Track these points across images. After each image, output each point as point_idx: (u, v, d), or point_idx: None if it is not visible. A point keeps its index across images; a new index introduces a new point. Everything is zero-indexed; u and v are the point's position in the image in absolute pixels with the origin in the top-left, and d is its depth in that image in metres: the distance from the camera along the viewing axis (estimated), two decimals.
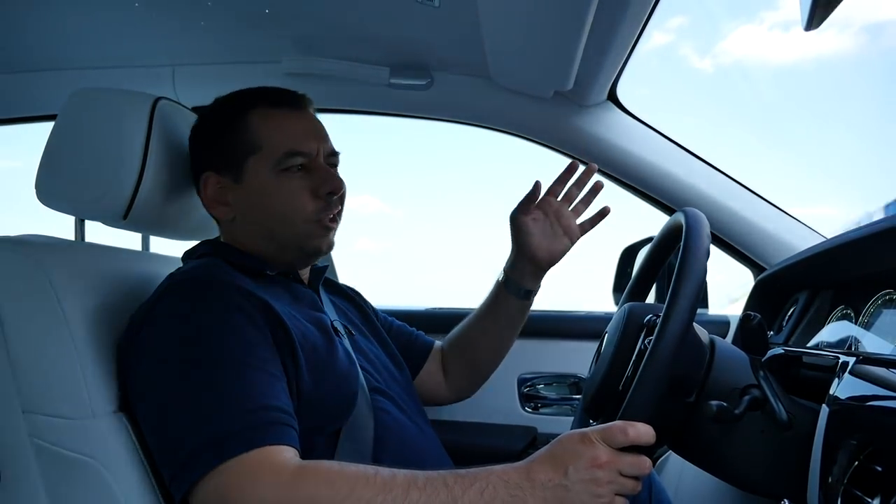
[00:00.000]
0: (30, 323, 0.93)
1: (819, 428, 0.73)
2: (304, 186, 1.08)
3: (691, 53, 29.32)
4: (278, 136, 1.08)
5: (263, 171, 1.08)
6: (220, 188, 1.11)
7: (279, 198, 1.08)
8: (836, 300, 1.15)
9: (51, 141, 1.10)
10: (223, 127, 1.12)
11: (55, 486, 0.93)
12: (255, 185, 1.09)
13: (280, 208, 1.08)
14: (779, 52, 32.82)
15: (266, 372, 0.90)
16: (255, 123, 1.10)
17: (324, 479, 0.82)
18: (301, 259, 1.14)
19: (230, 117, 1.11)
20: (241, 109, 1.11)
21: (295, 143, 1.08)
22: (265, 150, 1.08)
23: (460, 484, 0.81)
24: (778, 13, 31.82)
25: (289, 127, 1.10)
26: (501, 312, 1.35)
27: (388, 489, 0.80)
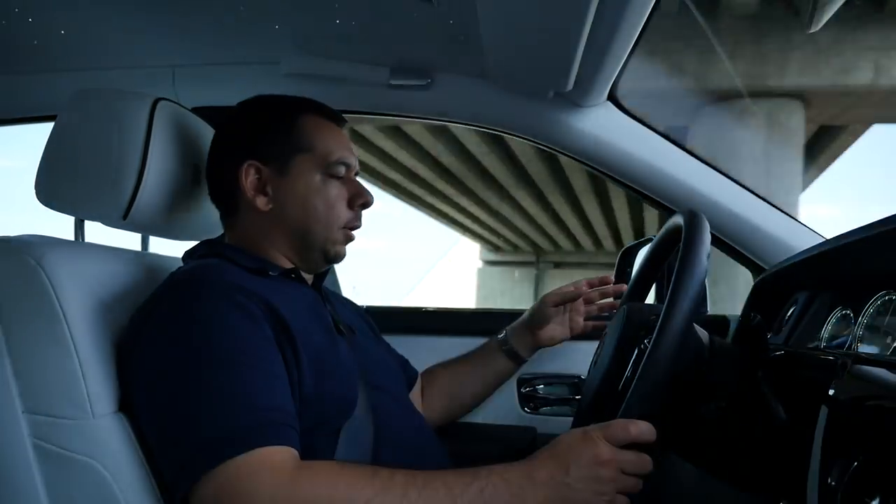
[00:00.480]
0: (29, 323, 0.93)
1: (818, 428, 0.73)
2: (342, 195, 1.15)
3: None
4: (330, 144, 1.15)
5: (311, 171, 1.13)
6: (258, 178, 1.13)
7: (322, 199, 1.13)
8: (836, 301, 1.15)
9: (51, 141, 1.10)
10: (275, 122, 1.15)
11: (55, 486, 0.93)
12: (301, 183, 1.12)
13: (321, 209, 1.13)
14: None
15: (267, 372, 0.91)
16: (308, 126, 1.15)
17: (323, 480, 0.82)
18: (320, 262, 1.17)
19: (284, 115, 1.16)
20: (294, 110, 1.17)
21: (343, 154, 1.15)
22: (316, 153, 1.13)
23: (460, 483, 0.81)
24: None
25: (337, 138, 1.17)
26: (491, 366, 1.46)
27: (387, 489, 0.81)
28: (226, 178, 1.15)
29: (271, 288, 1.03)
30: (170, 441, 0.88)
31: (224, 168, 1.15)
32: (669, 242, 1.08)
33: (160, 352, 0.92)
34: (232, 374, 0.88)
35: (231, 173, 1.14)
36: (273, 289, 1.03)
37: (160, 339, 0.93)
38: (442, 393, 1.44)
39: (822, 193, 17.12)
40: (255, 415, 0.86)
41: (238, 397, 0.86)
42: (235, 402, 0.86)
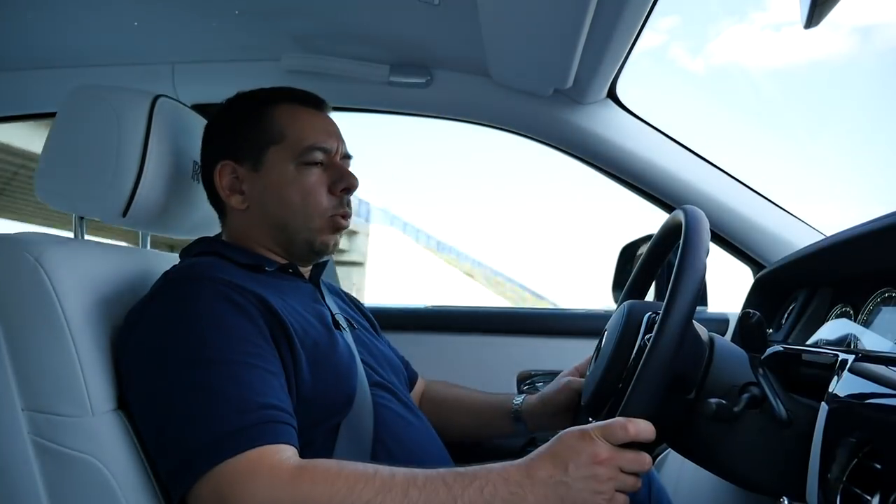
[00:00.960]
0: (29, 321, 0.93)
1: (818, 425, 0.73)
2: (322, 182, 1.12)
3: (683, 54, 29.42)
4: (302, 131, 1.12)
5: (284, 162, 1.11)
6: (236, 177, 1.13)
7: (297, 189, 1.10)
8: (836, 298, 1.15)
9: (50, 138, 1.10)
10: (245, 117, 1.14)
11: (54, 483, 0.93)
12: (275, 175, 1.11)
13: (297, 199, 1.10)
14: (771, 52, 32.99)
15: (263, 369, 0.90)
16: (280, 116, 1.13)
17: (322, 479, 0.81)
18: (307, 255, 1.15)
19: (253, 109, 1.14)
20: (266, 102, 1.15)
21: (318, 139, 1.12)
22: (288, 142, 1.11)
23: (460, 482, 0.81)
24: (768, 14, 32.06)
25: (312, 124, 1.14)
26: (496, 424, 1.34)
27: (387, 488, 0.80)
28: (207, 179, 1.15)
29: (267, 284, 1.03)
30: (167, 441, 0.87)
31: (205, 169, 1.16)
32: (669, 240, 1.08)
33: (155, 350, 0.92)
34: (228, 373, 0.88)
35: (210, 174, 1.14)
36: (269, 285, 1.03)
37: (155, 338, 0.93)
38: (440, 417, 1.35)
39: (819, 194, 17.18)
40: (253, 413, 0.85)
41: (235, 396, 0.86)
42: (232, 401, 0.86)
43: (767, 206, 1.63)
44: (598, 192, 22.28)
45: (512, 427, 1.31)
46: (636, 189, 1.70)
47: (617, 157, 1.64)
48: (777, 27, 47.67)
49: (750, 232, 1.62)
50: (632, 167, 1.64)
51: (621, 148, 1.63)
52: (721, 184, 1.62)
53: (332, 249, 1.15)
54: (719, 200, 1.61)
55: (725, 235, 1.64)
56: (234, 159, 1.12)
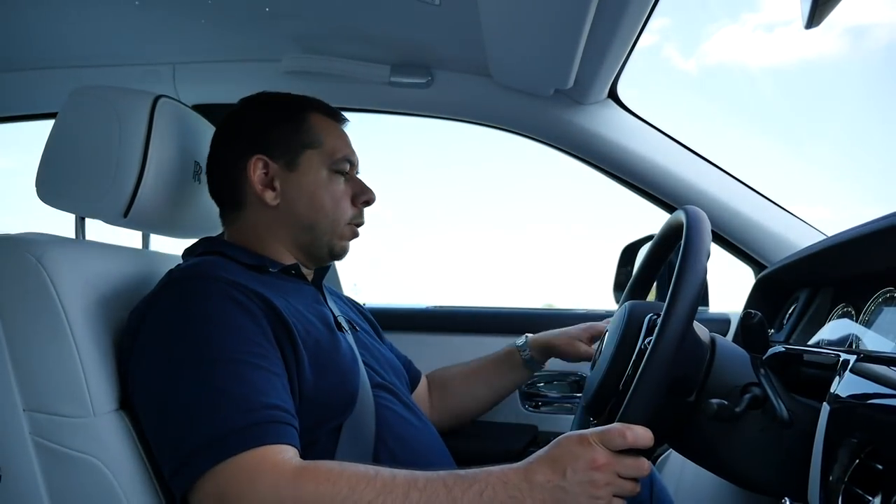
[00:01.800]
0: (30, 321, 0.93)
1: (820, 426, 0.73)
2: (347, 192, 1.18)
3: (675, 54, 29.50)
4: (336, 141, 1.17)
5: (319, 166, 1.15)
6: (267, 172, 1.14)
7: (329, 194, 1.15)
8: (837, 298, 1.15)
9: (51, 139, 1.10)
10: (284, 118, 1.16)
11: (56, 484, 0.93)
12: (310, 178, 1.14)
13: (329, 204, 1.14)
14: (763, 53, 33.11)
15: (266, 370, 0.90)
16: (317, 123, 1.17)
17: (324, 479, 0.82)
18: (324, 256, 1.18)
19: (293, 111, 1.18)
20: (302, 108, 1.18)
21: (349, 152, 1.18)
22: (324, 149, 1.15)
23: (460, 485, 0.81)
24: (760, 15, 32.12)
25: (342, 136, 1.20)
26: (508, 375, 1.45)
27: (388, 490, 0.81)
28: (231, 173, 1.15)
29: (270, 285, 1.03)
30: (169, 439, 0.88)
31: (229, 163, 1.15)
32: (670, 240, 1.08)
33: (158, 349, 0.92)
34: (231, 372, 0.88)
35: (237, 168, 1.14)
36: (272, 286, 1.03)
37: (158, 337, 0.93)
38: (454, 398, 1.43)
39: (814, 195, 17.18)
40: (255, 413, 0.85)
41: (237, 396, 0.86)
42: (235, 401, 0.86)
43: (769, 207, 1.62)
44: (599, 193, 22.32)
45: (523, 371, 1.45)
46: (637, 189, 1.70)
47: (618, 157, 1.64)
48: (769, 28, 48.10)
49: (751, 232, 1.61)
50: (633, 167, 1.64)
51: (622, 148, 1.63)
52: (722, 184, 1.62)
53: (345, 254, 1.19)
54: (721, 200, 1.61)
55: (727, 235, 1.64)
56: (269, 155, 1.13)
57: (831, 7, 0.64)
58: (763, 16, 37.58)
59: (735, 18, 33.57)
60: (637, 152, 1.63)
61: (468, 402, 1.44)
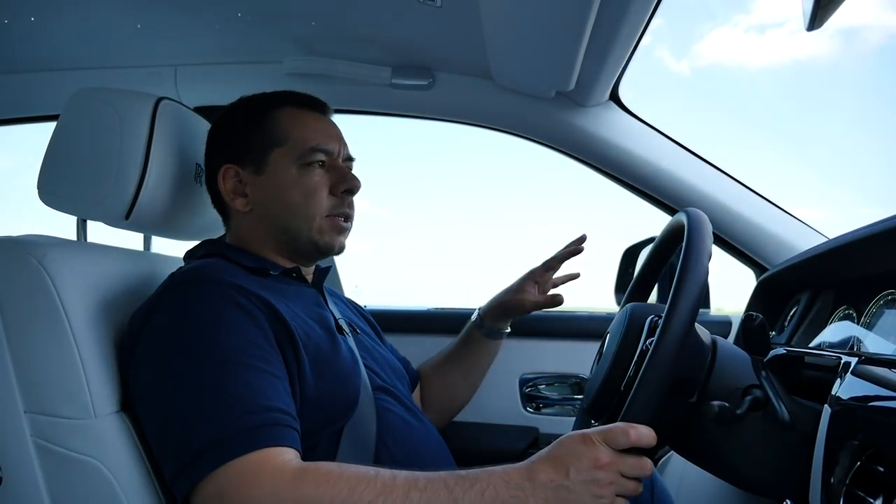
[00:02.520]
0: (31, 323, 0.93)
1: (821, 428, 0.73)
2: (323, 183, 1.12)
3: (667, 56, 29.44)
4: (304, 133, 1.13)
5: (286, 163, 1.12)
6: (239, 180, 1.14)
7: (299, 190, 1.11)
8: (839, 300, 1.15)
9: (53, 141, 1.10)
10: (249, 121, 1.15)
11: (57, 486, 0.93)
12: (277, 177, 1.12)
13: (299, 200, 1.11)
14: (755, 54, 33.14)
15: (267, 372, 0.90)
16: (283, 119, 1.14)
17: (324, 481, 0.82)
18: (312, 254, 1.15)
19: (257, 112, 1.15)
20: (270, 106, 1.16)
21: (319, 141, 1.13)
22: (290, 144, 1.12)
23: (461, 485, 0.81)
24: (751, 16, 32.21)
25: (314, 126, 1.15)
26: (478, 353, 1.45)
27: (388, 490, 0.80)
28: (211, 184, 1.17)
29: (272, 288, 1.03)
30: (171, 441, 0.88)
31: (209, 174, 1.17)
32: (672, 242, 1.08)
33: (160, 352, 0.92)
34: (232, 375, 0.88)
35: (214, 179, 1.15)
36: (273, 288, 1.03)
37: (160, 340, 0.93)
38: (439, 394, 1.43)
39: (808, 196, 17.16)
40: (256, 416, 0.85)
41: (239, 398, 0.86)
42: (236, 404, 0.86)
43: (770, 209, 1.62)
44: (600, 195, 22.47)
45: (491, 343, 1.45)
46: (639, 191, 1.70)
47: (619, 159, 1.64)
48: (761, 29, 48.15)
49: (752, 234, 1.61)
50: (634, 169, 1.64)
51: (624, 150, 1.63)
52: (724, 186, 1.62)
53: (339, 250, 1.15)
54: (722, 203, 1.61)
55: (728, 238, 1.64)
56: (238, 163, 1.13)
57: (833, 9, 0.64)
58: (754, 17, 37.76)
59: (726, 20, 33.74)
60: (638, 154, 1.63)
61: (449, 391, 1.44)
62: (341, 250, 1.16)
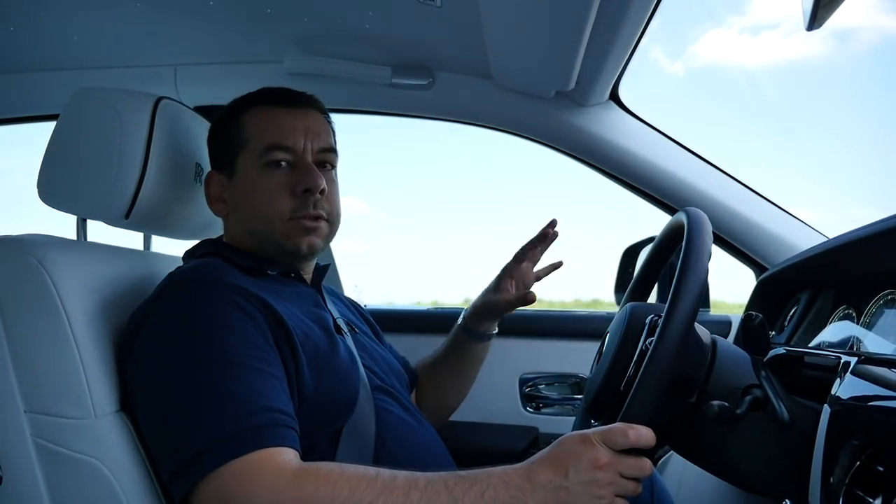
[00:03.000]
0: (31, 322, 0.93)
1: (821, 428, 0.73)
2: (285, 184, 1.08)
3: (661, 57, 29.42)
4: (264, 131, 1.10)
5: (250, 166, 1.10)
6: (219, 186, 1.14)
7: (260, 194, 1.08)
8: (838, 300, 1.15)
9: (53, 140, 1.10)
10: (222, 126, 1.15)
11: (57, 485, 0.93)
12: (243, 181, 1.11)
13: (260, 203, 1.09)
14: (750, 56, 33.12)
15: (266, 372, 0.90)
16: (248, 120, 1.12)
17: (324, 481, 0.81)
18: (283, 257, 1.12)
19: (227, 117, 1.15)
20: (240, 108, 1.14)
21: (279, 138, 1.09)
22: (251, 145, 1.10)
23: (461, 485, 0.81)
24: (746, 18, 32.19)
25: (277, 123, 1.11)
26: (468, 358, 1.41)
27: (388, 490, 0.80)
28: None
29: (269, 288, 1.03)
30: (170, 441, 0.88)
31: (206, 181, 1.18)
32: (671, 242, 1.08)
33: (158, 352, 0.92)
34: (231, 375, 0.88)
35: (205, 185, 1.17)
36: (271, 288, 1.03)
37: (158, 340, 0.93)
38: (430, 396, 1.42)
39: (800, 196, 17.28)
40: (255, 416, 0.85)
41: (238, 399, 0.86)
42: (235, 404, 0.86)
43: (770, 209, 1.62)
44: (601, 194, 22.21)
45: (480, 346, 1.40)
46: (638, 191, 1.70)
47: (619, 158, 1.64)
48: (755, 31, 48.12)
49: (752, 234, 1.61)
50: (634, 169, 1.64)
51: (623, 150, 1.63)
52: (724, 186, 1.62)
53: (308, 250, 1.10)
54: (722, 202, 1.61)
55: (728, 237, 1.64)
56: (217, 169, 1.15)
57: (833, 8, 0.64)
58: (749, 19, 37.67)
59: (721, 22, 33.57)
60: (638, 154, 1.63)
61: (439, 395, 1.42)
62: (312, 250, 1.11)
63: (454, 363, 1.41)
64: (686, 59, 10.08)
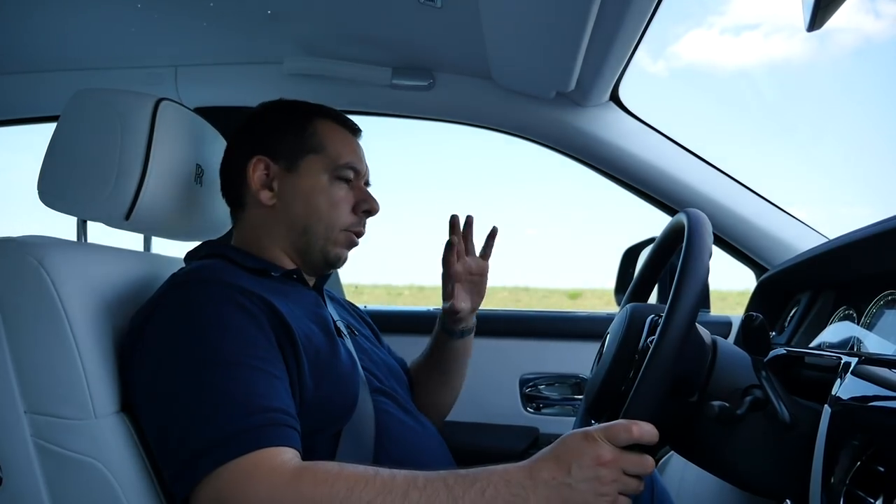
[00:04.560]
0: (32, 323, 0.93)
1: (821, 428, 0.73)
2: (348, 199, 1.16)
3: (644, 57, 29.53)
4: (341, 148, 1.17)
5: (319, 171, 1.14)
6: (268, 174, 1.15)
7: (326, 198, 1.14)
8: (839, 301, 1.15)
9: (53, 141, 1.10)
10: (291, 122, 1.17)
11: (57, 486, 0.93)
12: (308, 180, 1.14)
13: (324, 207, 1.14)
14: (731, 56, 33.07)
15: (267, 373, 0.90)
16: (322, 129, 1.17)
17: (322, 480, 0.81)
18: (320, 263, 1.16)
19: (301, 116, 1.18)
20: (310, 113, 1.19)
21: (353, 160, 1.17)
22: (326, 154, 1.15)
23: (461, 484, 0.81)
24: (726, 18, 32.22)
25: (349, 144, 1.19)
26: (449, 352, 1.37)
27: (387, 490, 0.80)
28: (235, 172, 1.17)
29: (272, 289, 1.03)
30: (171, 441, 0.88)
31: (234, 163, 1.17)
32: (672, 243, 1.08)
33: (160, 353, 0.92)
34: (232, 375, 0.88)
35: (240, 167, 1.15)
36: (274, 290, 1.03)
37: (160, 341, 0.93)
38: (422, 396, 1.38)
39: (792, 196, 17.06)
40: (256, 416, 0.85)
41: (239, 399, 0.86)
42: (236, 404, 0.86)
43: (770, 210, 1.62)
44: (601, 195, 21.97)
45: (461, 342, 1.35)
46: (639, 192, 1.70)
47: (619, 159, 1.64)
48: (736, 31, 48.08)
49: (753, 235, 1.62)
50: (634, 170, 1.64)
51: (624, 151, 1.63)
52: (724, 187, 1.62)
53: (341, 263, 1.18)
54: (722, 203, 1.61)
55: (728, 238, 1.64)
56: (271, 156, 1.15)
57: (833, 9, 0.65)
58: (729, 19, 37.80)
59: (701, 22, 33.76)
60: (639, 155, 1.63)
61: (431, 394, 1.39)
62: (343, 263, 1.19)
63: (439, 361, 1.39)
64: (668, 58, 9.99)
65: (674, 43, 27.69)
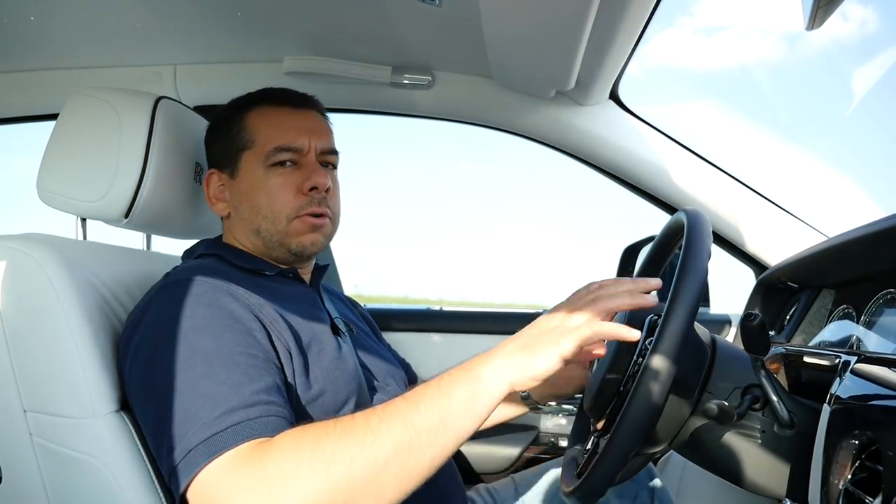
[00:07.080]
0: (31, 322, 0.93)
1: (820, 427, 0.73)
2: (290, 182, 1.10)
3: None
4: (271, 132, 1.11)
5: (255, 166, 1.11)
6: (220, 185, 1.14)
7: (265, 192, 1.10)
8: (838, 299, 1.15)
9: (52, 140, 1.10)
10: (225, 125, 1.15)
11: (56, 484, 0.93)
12: (247, 180, 1.11)
13: (265, 202, 1.10)
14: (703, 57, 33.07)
15: (256, 368, 0.89)
16: (252, 120, 1.13)
17: (288, 448, 0.78)
18: (288, 258, 1.13)
19: (232, 116, 1.15)
20: (243, 108, 1.15)
21: (286, 139, 1.10)
22: (257, 145, 1.11)
23: (417, 391, 0.80)
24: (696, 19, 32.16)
25: (283, 123, 1.12)
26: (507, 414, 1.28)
27: (348, 431, 0.77)
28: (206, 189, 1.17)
29: (267, 288, 1.02)
30: (166, 440, 0.87)
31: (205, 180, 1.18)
32: (672, 241, 1.08)
33: (153, 351, 0.91)
34: (222, 373, 0.86)
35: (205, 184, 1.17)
36: (268, 289, 1.03)
37: (151, 340, 0.92)
38: None
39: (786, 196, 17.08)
40: (239, 412, 0.83)
41: (227, 395, 0.84)
42: (225, 401, 0.84)
43: (770, 208, 1.62)
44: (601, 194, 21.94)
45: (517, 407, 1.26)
46: (638, 191, 1.70)
47: (619, 158, 1.64)
48: (708, 32, 48.32)
49: (752, 233, 1.62)
50: (634, 169, 1.64)
51: (623, 149, 1.63)
52: (723, 185, 1.62)
53: (313, 249, 1.13)
54: (722, 202, 1.61)
55: (728, 237, 1.64)
56: (218, 168, 1.15)
57: (832, 9, 0.64)
58: (700, 20, 37.81)
59: (672, 22, 33.80)
60: (638, 154, 1.63)
61: None
62: (317, 248, 1.13)
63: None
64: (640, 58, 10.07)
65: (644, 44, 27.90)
